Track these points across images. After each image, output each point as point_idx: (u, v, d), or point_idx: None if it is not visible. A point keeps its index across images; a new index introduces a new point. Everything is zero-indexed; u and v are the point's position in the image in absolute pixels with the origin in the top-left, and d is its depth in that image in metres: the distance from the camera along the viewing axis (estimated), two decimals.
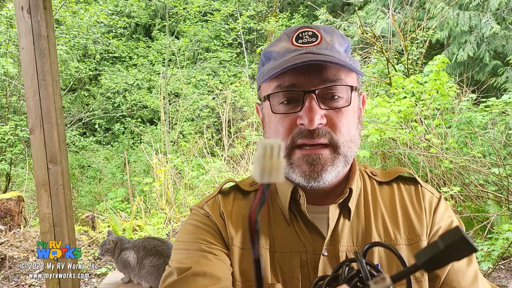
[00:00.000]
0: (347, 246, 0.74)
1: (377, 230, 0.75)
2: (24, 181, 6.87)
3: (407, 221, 0.76)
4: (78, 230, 4.46)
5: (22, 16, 1.95)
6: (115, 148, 10.25)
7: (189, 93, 9.76)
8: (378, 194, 0.80)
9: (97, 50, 9.60)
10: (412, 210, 0.77)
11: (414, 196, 0.79)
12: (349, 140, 0.72)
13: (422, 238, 0.74)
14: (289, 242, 0.75)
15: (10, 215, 4.19)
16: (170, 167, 5.54)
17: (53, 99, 2.01)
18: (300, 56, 0.69)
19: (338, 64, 0.67)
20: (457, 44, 8.86)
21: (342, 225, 0.75)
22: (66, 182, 2.09)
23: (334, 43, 0.72)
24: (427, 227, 0.76)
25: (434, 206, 0.78)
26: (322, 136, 0.69)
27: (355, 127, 0.74)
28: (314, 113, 0.67)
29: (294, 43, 0.72)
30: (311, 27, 0.73)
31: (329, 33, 0.73)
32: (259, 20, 12.17)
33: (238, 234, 0.77)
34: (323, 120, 0.69)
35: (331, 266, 0.72)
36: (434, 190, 0.83)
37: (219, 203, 0.81)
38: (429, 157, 4.66)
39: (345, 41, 0.75)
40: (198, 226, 0.78)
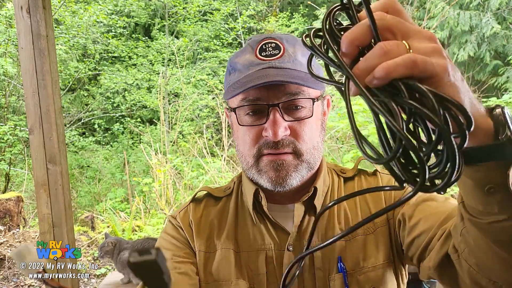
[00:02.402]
0: (313, 241, 0.78)
1: (340, 225, 0.79)
2: (23, 181, 6.86)
3: (365, 212, 0.80)
4: (78, 230, 4.45)
5: (22, 15, 1.94)
6: (114, 148, 10.24)
7: (189, 93, 9.75)
8: (343, 191, 0.86)
9: (97, 50, 9.59)
10: (370, 199, 0.82)
11: (373, 183, 0.84)
12: (312, 147, 0.77)
13: (381, 224, 0.78)
14: (255, 241, 0.80)
15: (9, 216, 4.17)
16: (170, 167, 5.53)
17: (53, 99, 2.00)
18: (263, 71, 0.73)
19: (297, 83, 0.70)
20: (458, 44, 8.86)
21: (307, 221, 0.80)
22: (66, 182, 2.08)
23: (296, 54, 0.76)
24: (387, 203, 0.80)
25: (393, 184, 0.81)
26: (286, 146, 0.74)
27: (318, 134, 0.79)
28: (278, 126, 0.72)
29: (257, 55, 0.76)
30: (274, 38, 0.77)
31: (291, 43, 0.77)
32: (259, 19, 12.16)
33: (203, 239, 0.83)
34: (287, 132, 0.74)
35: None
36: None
37: (189, 212, 0.88)
38: None
39: (306, 51, 0.75)
40: (169, 241, 0.85)
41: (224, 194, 0.89)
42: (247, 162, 0.79)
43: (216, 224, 0.85)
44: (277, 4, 12.63)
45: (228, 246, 0.81)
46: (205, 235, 0.83)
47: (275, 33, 0.80)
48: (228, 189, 0.91)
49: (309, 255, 0.70)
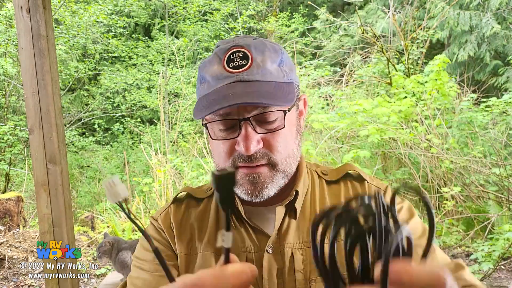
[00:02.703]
0: (293, 243, 0.78)
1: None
2: (23, 181, 6.86)
3: None
4: (78, 230, 4.45)
5: (22, 16, 1.94)
6: (114, 148, 10.24)
7: (189, 93, 9.75)
8: (326, 193, 0.84)
9: (97, 50, 9.59)
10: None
11: (361, 191, 0.83)
12: (287, 156, 0.76)
13: None
14: (236, 244, 0.80)
15: (9, 215, 4.17)
16: (170, 167, 5.53)
17: (52, 99, 2.00)
18: (230, 87, 0.71)
19: (261, 103, 0.69)
20: (458, 44, 8.86)
21: (287, 224, 0.79)
22: (66, 182, 2.08)
23: (265, 63, 0.73)
24: None
25: None
26: (260, 158, 0.73)
27: (293, 141, 0.78)
28: (250, 140, 0.71)
29: (225, 67, 0.73)
30: (242, 46, 0.74)
31: (260, 50, 0.74)
32: (259, 19, 12.16)
33: (184, 242, 0.83)
34: (260, 145, 0.73)
35: (275, 261, 0.77)
36: (380, 183, 0.86)
37: (170, 214, 0.87)
38: (430, 157, 4.65)
39: (277, 55, 0.76)
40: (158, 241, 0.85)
41: (205, 195, 0.89)
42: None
43: (197, 227, 0.84)
44: (277, 4, 12.63)
45: (209, 249, 0.81)
46: (186, 237, 0.83)
47: (243, 39, 0.76)
48: (209, 189, 0.90)
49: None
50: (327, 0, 12.04)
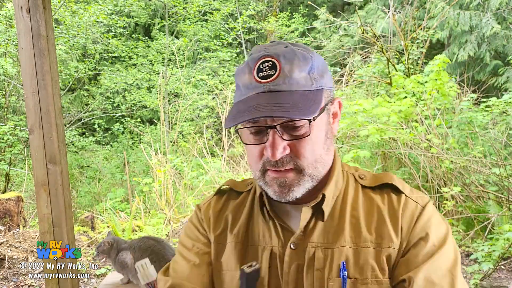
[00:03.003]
0: (317, 243, 0.81)
1: (349, 231, 0.81)
2: (23, 181, 6.86)
3: (380, 227, 0.80)
4: (78, 230, 4.46)
5: (22, 16, 1.94)
6: (114, 148, 10.24)
7: (189, 93, 9.75)
8: (360, 197, 0.85)
9: (97, 50, 9.59)
10: (388, 219, 0.81)
11: (395, 205, 0.82)
12: (314, 161, 0.79)
13: (391, 245, 0.78)
14: (264, 237, 0.85)
15: (9, 215, 4.18)
16: (170, 167, 5.53)
17: (53, 99, 2.00)
18: (257, 98, 0.75)
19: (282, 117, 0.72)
20: (458, 44, 8.86)
21: (314, 223, 0.82)
22: (66, 182, 2.08)
23: (293, 72, 0.75)
24: (402, 238, 0.79)
25: (416, 217, 0.80)
26: (287, 163, 0.77)
27: (321, 146, 0.80)
28: (276, 147, 0.75)
29: (255, 77, 0.76)
30: (272, 55, 0.76)
31: (289, 60, 0.76)
32: (259, 19, 12.17)
33: (217, 232, 0.91)
34: (287, 151, 0.77)
35: (297, 257, 0.81)
36: (420, 197, 0.84)
37: (211, 205, 0.95)
38: (430, 157, 4.65)
39: (307, 63, 0.77)
40: (192, 231, 0.94)
41: (245, 189, 0.95)
42: (255, 174, 0.83)
43: (231, 218, 0.91)
44: (277, 4, 12.63)
45: (237, 240, 0.87)
46: (220, 228, 0.91)
47: (274, 47, 0.78)
48: (250, 184, 0.95)
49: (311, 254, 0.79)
50: (327, 0, 12.04)
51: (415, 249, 0.77)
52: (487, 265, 3.38)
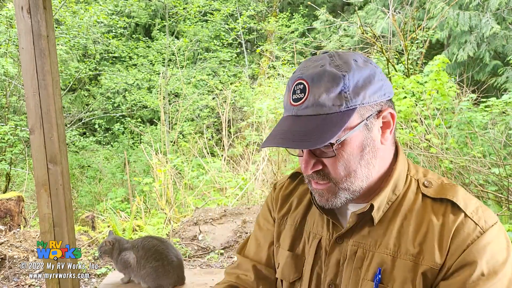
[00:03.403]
0: (361, 243, 0.85)
1: (393, 239, 0.82)
2: (24, 181, 6.87)
3: (425, 243, 0.79)
4: (78, 230, 4.46)
5: (22, 16, 1.95)
6: (115, 148, 10.25)
7: (189, 93, 9.76)
8: (416, 206, 0.84)
9: (97, 50, 9.60)
10: (437, 236, 0.78)
11: (449, 224, 0.79)
12: (347, 175, 0.81)
13: (431, 264, 0.77)
14: (317, 226, 0.93)
15: (10, 215, 4.19)
16: (170, 167, 5.54)
17: (53, 99, 2.00)
18: (285, 120, 0.81)
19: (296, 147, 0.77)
20: (457, 44, 8.86)
21: (362, 224, 0.86)
22: (66, 182, 2.09)
23: (319, 96, 0.77)
24: (447, 260, 0.77)
25: (470, 240, 0.76)
26: (320, 178, 0.83)
27: (356, 162, 0.81)
28: (307, 165, 0.81)
29: (290, 99, 0.81)
30: (304, 78, 0.79)
31: (317, 82, 0.77)
32: (259, 20, 12.17)
33: (281, 213, 1.02)
34: (319, 166, 0.82)
35: (340, 252, 0.87)
36: (485, 219, 0.79)
37: (283, 187, 1.06)
38: (429, 157, 4.66)
39: (337, 84, 0.76)
40: (265, 211, 1.08)
41: None
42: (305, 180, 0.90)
43: (295, 203, 1.00)
44: (277, 4, 12.63)
45: (294, 223, 0.97)
46: (284, 210, 1.02)
47: (311, 67, 0.80)
48: None
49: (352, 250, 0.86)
50: (327, 1, 12.05)
51: (460, 276, 0.75)
52: None
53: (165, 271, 2.18)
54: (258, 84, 10.11)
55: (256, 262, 1.04)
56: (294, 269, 0.94)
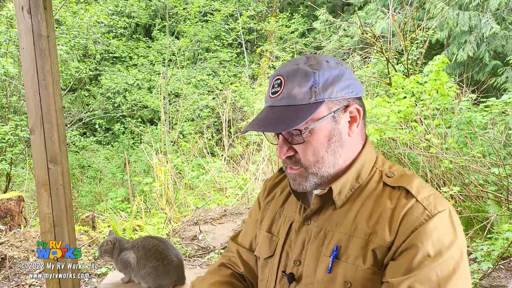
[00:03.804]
0: (324, 224, 0.95)
1: (351, 222, 0.91)
2: (24, 181, 6.88)
3: (377, 224, 0.88)
4: (78, 230, 4.47)
5: (22, 16, 1.95)
6: (115, 148, 10.25)
7: (189, 93, 9.77)
8: (375, 193, 0.93)
9: (97, 50, 9.61)
10: (388, 217, 0.87)
11: (400, 207, 0.87)
12: (316, 161, 0.91)
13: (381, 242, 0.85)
14: (292, 211, 1.04)
15: (10, 215, 4.19)
16: (170, 167, 5.55)
17: (54, 99, 2.01)
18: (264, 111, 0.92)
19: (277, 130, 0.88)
20: (457, 44, 8.86)
21: (327, 207, 0.96)
22: (67, 182, 2.09)
23: (292, 89, 0.88)
24: (397, 239, 0.84)
25: (419, 223, 0.83)
26: (293, 163, 0.93)
27: (323, 150, 0.91)
28: (281, 150, 0.92)
29: (269, 92, 0.93)
30: (281, 74, 0.90)
31: (291, 78, 0.89)
32: (259, 20, 12.18)
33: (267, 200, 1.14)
34: (291, 152, 0.92)
35: (306, 232, 0.97)
36: (434, 205, 0.85)
37: (271, 179, 1.19)
38: (429, 157, 4.66)
39: (308, 79, 0.87)
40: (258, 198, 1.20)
41: None
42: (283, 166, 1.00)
43: (279, 192, 1.12)
44: (277, 4, 12.63)
45: (275, 209, 1.09)
46: (269, 197, 1.14)
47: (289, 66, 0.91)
48: None
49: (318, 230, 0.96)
50: (327, 1, 12.05)
51: (406, 256, 0.82)
52: (486, 264, 3.39)
53: (165, 271, 2.18)
54: (258, 84, 10.12)
55: (240, 246, 1.17)
56: (268, 247, 1.05)
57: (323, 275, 0.90)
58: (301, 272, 0.96)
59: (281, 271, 0.99)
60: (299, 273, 0.96)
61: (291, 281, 0.97)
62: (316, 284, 0.92)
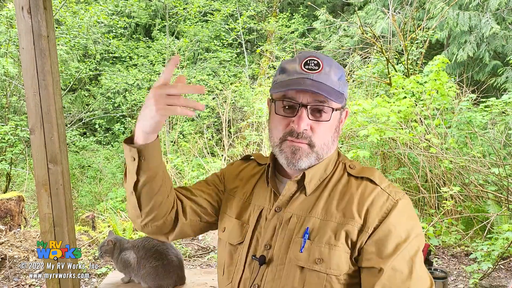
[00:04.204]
0: (295, 210, 1.01)
1: (322, 207, 0.99)
2: (24, 181, 6.88)
3: (346, 208, 0.97)
4: (78, 230, 4.47)
5: (22, 16, 1.95)
6: (115, 148, 10.25)
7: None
8: (341, 182, 1.03)
9: (97, 50, 9.60)
10: (356, 201, 0.97)
11: (366, 193, 0.98)
12: (323, 143, 1.00)
13: (351, 223, 0.95)
14: (261, 198, 1.09)
15: (10, 215, 4.19)
16: (170, 167, 5.54)
17: (54, 99, 2.01)
18: (302, 80, 0.96)
19: (322, 94, 0.94)
20: (457, 44, 8.86)
21: (297, 196, 1.03)
22: (66, 182, 2.09)
23: (330, 73, 0.98)
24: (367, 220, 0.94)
25: (388, 209, 0.95)
26: (304, 138, 0.98)
27: (331, 135, 1.01)
28: (302, 121, 0.96)
29: (302, 67, 0.98)
30: (318, 57, 0.98)
31: (329, 64, 0.98)
32: (259, 20, 12.17)
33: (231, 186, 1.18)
34: (308, 127, 0.97)
35: (277, 219, 1.02)
36: (395, 191, 0.99)
37: (233, 166, 1.24)
38: (429, 157, 4.66)
39: (340, 71, 1.00)
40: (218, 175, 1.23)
41: (265, 161, 1.17)
42: (273, 142, 1.03)
43: (245, 180, 1.17)
44: (277, 4, 12.63)
45: (243, 197, 1.13)
46: (233, 185, 1.17)
47: (319, 54, 1.00)
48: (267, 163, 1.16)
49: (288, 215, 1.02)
50: (327, 1, 12.05)
51: (385, 239, 0.92)
52: (486, 264, 3.39)
53: (165, 271, 2.18)
54: (258, 84, 10.11)
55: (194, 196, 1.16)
56: (239, 234, 1.08)
57: (295, 254, 0.96)
58: (271, 254, 1.00)
59: (251, 255, 1.03)
60: (270, 255, 1.00)
61: (261, 263, 1.00)
62: (287, 265, 0.97)
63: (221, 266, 1.14)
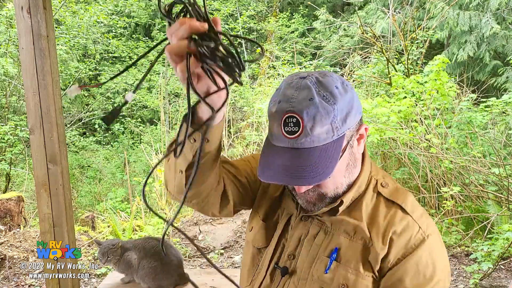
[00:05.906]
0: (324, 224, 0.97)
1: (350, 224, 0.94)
2: (24, 181, 6.87)
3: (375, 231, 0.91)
4: (78, 230, 4.46)
5: (22, 16, 1.95)
6: (115, 148, 10.24)
7: None
8: (372, 202, 0.96)
9: (97, 50, 9.59)
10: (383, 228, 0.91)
11: (395, 221, 0.91)
12: (334, 188, 0.92)
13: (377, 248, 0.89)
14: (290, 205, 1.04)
15: (10, 215, 4.19)
16: None
17: (53, 99, 2.00)
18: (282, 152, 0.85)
19: (304, 184, 0.86)
20: (457, 44, 8.86)
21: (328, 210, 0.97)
22: (66, 182, 2.09)
23: (314, 129, 0.82)
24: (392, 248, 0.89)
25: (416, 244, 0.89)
26: (312, 192, 0.92)
27: (341, 176, 0.92)
28: (299, 189, 0.90)
29: (282, 130, 0.84)
30: (296, 112, 0.81)
31: (311, 116, 0.81)
32: (259, 20, 12.17)
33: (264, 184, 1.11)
34: (309, 187, 0.90)
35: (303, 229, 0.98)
36: (427, 224, 0.92)
37: None
38: (429, 157, 4.66)
39: (329, 116, 0.81)
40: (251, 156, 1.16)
41: None
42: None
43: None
44: (277, 4, 12.63)
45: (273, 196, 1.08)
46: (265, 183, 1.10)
47: (300, 100, 0.82)
48: None
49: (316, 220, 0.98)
50: (327, 1, 12.05)
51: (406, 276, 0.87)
52: (486, 264, 3.39)
53: (164, 271, 2.18)
54: (258, 84, 10.11)
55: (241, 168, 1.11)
56: (264, 238, 1.05)
57: (319, 274, 0.92)
58: (295, 266, 0.97)
59: (274, 263, 1.00)
60: (293, 267, 0.97)
61: (283, 274, 0.97)
62: (309, 281, 0.93)
63: (244, 265, 1.12)
